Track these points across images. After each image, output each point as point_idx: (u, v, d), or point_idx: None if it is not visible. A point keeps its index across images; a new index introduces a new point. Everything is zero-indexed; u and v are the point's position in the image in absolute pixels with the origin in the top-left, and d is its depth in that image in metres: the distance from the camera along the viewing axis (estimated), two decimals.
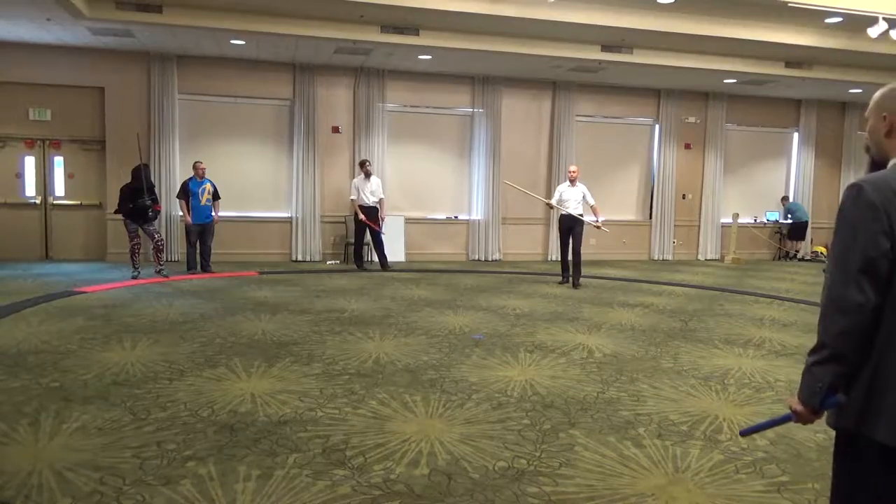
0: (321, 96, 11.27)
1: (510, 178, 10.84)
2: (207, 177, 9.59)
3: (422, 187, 11.87)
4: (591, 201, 8.97)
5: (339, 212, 11.49)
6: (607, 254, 12.52)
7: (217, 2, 8.51)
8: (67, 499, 2.68)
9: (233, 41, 9.68)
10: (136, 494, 2.73)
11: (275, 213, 11.38)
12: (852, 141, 13.97)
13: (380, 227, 10.28)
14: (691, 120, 13.15)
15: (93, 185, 10.67)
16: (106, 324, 5.95)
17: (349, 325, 6.13)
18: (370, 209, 10.25)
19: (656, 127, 13.07)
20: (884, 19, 8.38)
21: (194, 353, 5.02)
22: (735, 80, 11.78)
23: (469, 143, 12.12)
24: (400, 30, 9.34)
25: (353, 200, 10.40)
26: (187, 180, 9.54)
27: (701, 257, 13.41)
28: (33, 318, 6.11)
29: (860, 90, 12.16)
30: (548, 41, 9.82)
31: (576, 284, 8.89)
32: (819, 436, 3.57)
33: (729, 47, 10.01)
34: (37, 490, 2.75)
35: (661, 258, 13.14)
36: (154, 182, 9.73)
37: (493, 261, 12.07)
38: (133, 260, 8.77)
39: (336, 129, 11.44)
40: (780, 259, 13.85)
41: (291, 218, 11.33)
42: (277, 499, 2.73)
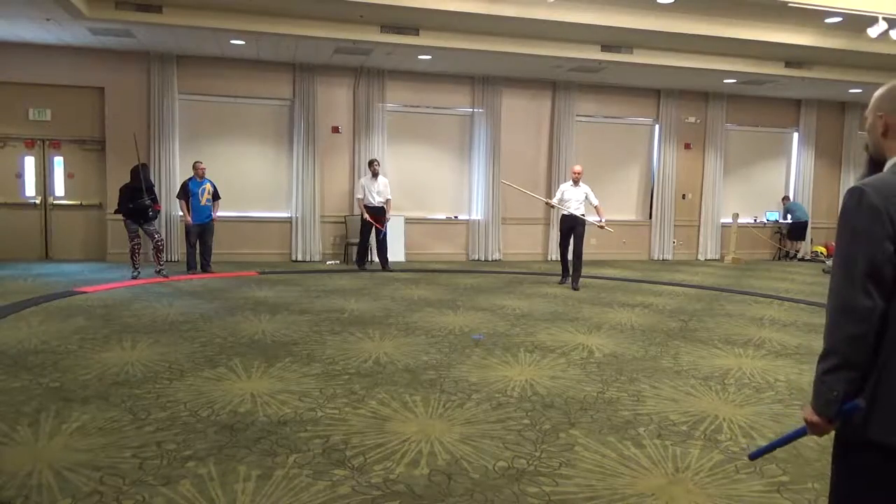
0: (321, 96, 11.27)
1: (510, 179, 10.84)
2: (207, 177, 9.60)
3: (422, 187, 11.88)
4: (594, 202, 8.88)
5: (339, 212, 11.49)
6: (607, 254, 12.52)
7: (217, 2, 8.51)
8: (67, 499, 2.68)
9: (233, 41, 9.68)
10: (136, 494, 2.73)
11: (275, 213, 11.38)
12: (852, 141, 13.98)
13: (383, 226, 10.28)
14: (691, 120, 13.15)
15: (93, 185, 10.67)
16: (106, 324, 5.95)
17: (349, 325, 6.13)
18: (376, 209, 10.24)
19: (656, 127, 13.07)
20: (884, 19, 8.38)
21: (194, 353, 5.02)
22: (735, 80, 11.78)
23: (469, 143, 12.13)
24: (400, 30, 9.34)
25: (359, 199, 10.40)
26: (187, 180, 9.55)
27: (701, 257, 13.41)
28: (33, 318, 6.11)
29: (860, 90, 12.16)
30: (548, 41, 9.82)
31: (575, 286, 8.83)
32: (822, 437, 3.56)
33: (729, 47, 10.01)
34: (37, 490, 2.75)
35: (660, 258, 13.14)
36: (154, 182, 9.75)
37: (493, 261, 12.07)
38: (133, 260, 8.77)
39: (336, 129, 11.44)
40: (779, 259, 13.85)
41: (291, 218, 11.33)
42: (277, 499, 2.73)
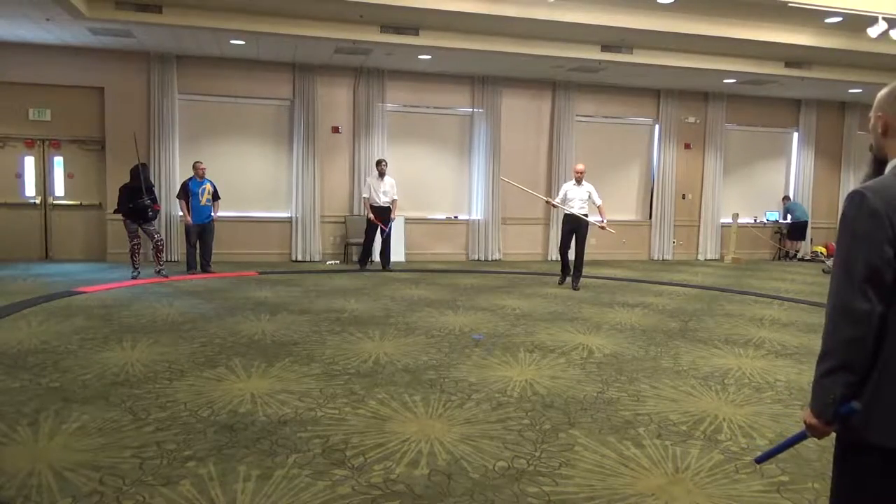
0: (321, 96, 11.27)
1: (510, 178, 10.84)
2: (207, 177, 9.60)
3: (422, 187, 11.87)
4: (597, 201, 8.78)
5: (339, 212, 11.49)
6: (607, 254, 12.52)
7: (217, 2, 8.51)
8: (67, 499, 2.68)
9: (233, 41, 9.68)
10: (136, 494, 2.73)
11: (275, 213, 11.38)
12: (852, 141, 13.98)
13: (387, 226, 10.26)
14: (691, 120, 13.15)
15: (93, 185, 10.67)
16: (106, 324, 5.95)
17: (349, 325, 6.13)
18: (382, 209, 10.24)
19: (656, 127, 13.07)
20: (884, 19, 8.38)
21: (194, 353, 5.02)
22: (735, 80, 11.78)
23: (469, 143, 12.13)
24: (399, 30, 9.34)
25: (365, 199, 10.40)
26: (187, 180, 9.55)
27: (701, 257, 13.41)
28: (33, 318, 6.11)
29: (860, 90, 12.17)
30: (548, 41, 9.82)
31: (575, 286, 8.81)
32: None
33: (729, 47, 10.01)
34: (37, 490, 2.75)
35: (660, 258, 13.14)
36: (154, 182, 9.76)
37: (493, 261, 12.07)
38: (133, 260, 8.77)
39: (336, 129, 11.44)
40: (779, 259, 13.85)
41: (291, 218, 11.33)
42: (277, 499, 2.73)
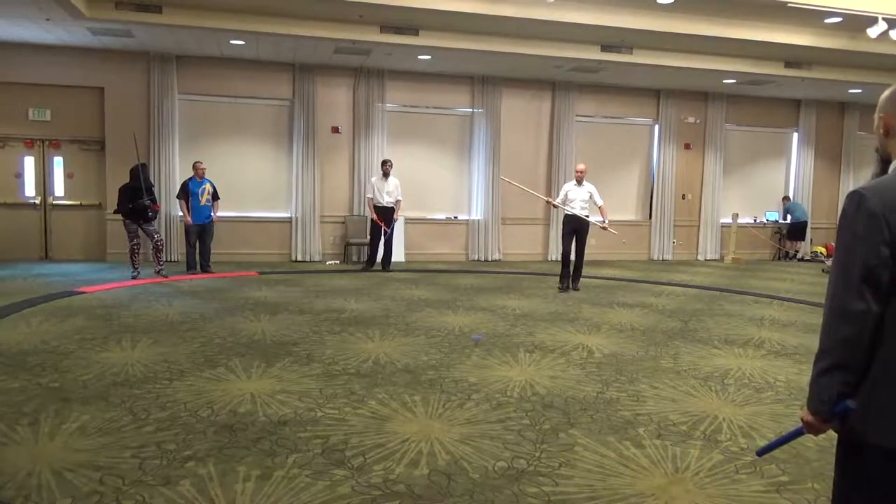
0: (321, 96, 11.27)
1: (510, 178, 10.81)
2: (207, 177, 9.60)
3: (421, 187, 11.86)
4: (599, 202, 8.63)
5: (339, 212, 11.50)
6: (607, 254, 12.52)
7: (217, 2, 8.52)
8: (67, 499, 2.68)
9: (233, 41, 9.68)
10: (136, 494, 2.73)
11: (275, 213, 11.38)
12: (852, 141, 13.99)
13: (389, 227, 10.27)
14: (691, 120, 13.16)
15: (92, 185, 10.67)
16: (106, 324, 5.95)
17: (349, 326, 6.13)
18: (385, 209, 10.24)
19: (656, 127, 13.07)
20: (884, 19, 8.38)
21: (194, 353, 5.02)
22: (735, 80, 11.78)
23: (469, 143, 12.13)
24: (399, 30, 9.34)
25: (369, 199, 10.40)
26: (187, 180, 9.54)
27: (700, 257, 13.41)
28: (33, 318, 6.10)
29: (860, 90, 12.18)
30: (548, 41, 9.83)
31: (575, 286, 8.77)
32: (819, 436, 3.56)
33: (729, 47, 10.01)
34: (36, 490, 2.75)
35: (660, 258, 13.14)
36: (154, 182, 9.75)
37: (492, 261, 12.07)
38: (133, 260, 8.77)
39: (336, 130, 11.44)
40: (779, 259, 13.86)
41: (291, 218, 11.33)
42: (277, 499, 2.73)
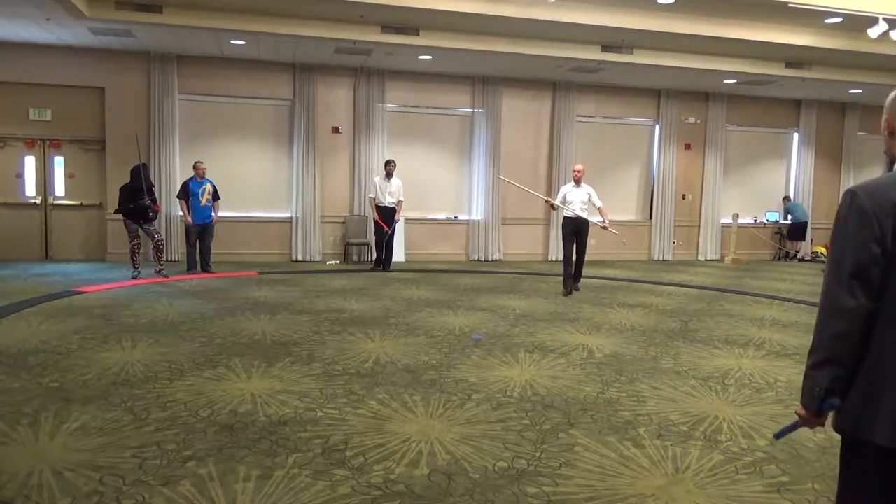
0: (321, 96, 11.27)
1: (510, 179, 10.81)
2: (208, 177, 9.60)
3: (422, 187, 11.85)
4: (597, 203, 8.50)
5: (339, 212, 11.49)
6: (607, 254, 12.51)
7: (217, 2, 8.51)
8: (67, 499, 2.68)
9: (233, 41, 9.68)
10: (136, 494, 2.73)
11: (275, 213, 11.38)
12: (852, 141, 13.98)
13: (390, 227, 10.25)
14: (691, 120, 13.15)
15: (93, 185, 10.67)
16: (106, 324, 5.95)
17: (349, 326, 6.13)
18: (387, 209, 10.24)
19: (656, 127, 13.07)
20: (884, 20, 8.38)
21: (194, 353, 5.02)
22: (735, 81, 11.77)
23: (469, 144, 12.13)
24: (400, 30, 9.34)
25: (371, 198, 10.40)
26: (188, 180, 9.54)
27: (701, 258, 13.41)
28: (33, 318, 6.11)
29: (860, 90, 12.17)
30: (548, 41, 9.82)
31: (576, 286, 8.70)
32: (819, 436, 3.57)
33: (729, 47, 10.00)
34: (37, 490, 2.75)
35: (661, 258, 13.13)
36: (154, 182, 9.75)
37: (493, 261, 12.07)
38: (133, 260, 8.77)
39: (336, 130, 11.44)
40: (780, 259, 13.86)
41: (291, 218, 11.32)
42: (277, 499, 2.73)
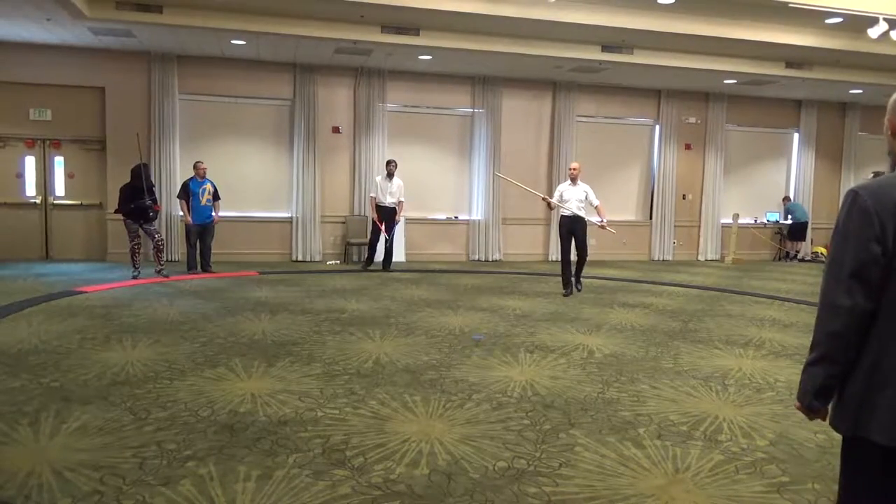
0: (321, 96, 11.27)
1: (510, 178, 10.78)
2: (208, 177, 9.60)
3: (422, 187, 11.84)
4: (594, 202, 8.35)
5: (339, 212, 11.49)
6: (607, 254, 12.51)
7: (217, 2, 8.51)
8: (67, 499, 2.68)
9: (233, 41, 9.68)
10: (136, 494, 2.73)
11: (275, 213, 11.38)
12: (853, 141, 13.98)
13: (390, 229, 10.24)
14: (691, 120, 13.15)
15: (93, 185, 10.66)
16: (106, 324, 5.95)
17: (349, 326, 6.13)
18: (387, 209, 10.24)
19: (656, 127, 13.07)
20: (884, 20, 8.38)
21: (194, 353, 5.02)
22: (735, 81, 11.77)
23: (469, 143, 12.13)
24: (400, 30, 9.34)
25: (371, 197, 10.40)
26: (188, 180, 9.54)
27: (701, 258, 13.41)
28: (33, 318, 6.10)
29: (860, 91, 12.17)
30: (548, 41, 9.82)
31: (577, 287, 8.57)
32: (819, 436, 3.57)
33: (729, 47, 10.00)
34: (37, 490, 2.75)
35: (661, 259, 13.13)
36: (154, 182, 9.74)
37: (493, 261, 12.07)
38: (133, 260, 8.77)
39: (336, 130, 11.44)
40: (780, 259, 13.85)
41: (291, 218, 11.32)
42: (277, 499, 2.73)
